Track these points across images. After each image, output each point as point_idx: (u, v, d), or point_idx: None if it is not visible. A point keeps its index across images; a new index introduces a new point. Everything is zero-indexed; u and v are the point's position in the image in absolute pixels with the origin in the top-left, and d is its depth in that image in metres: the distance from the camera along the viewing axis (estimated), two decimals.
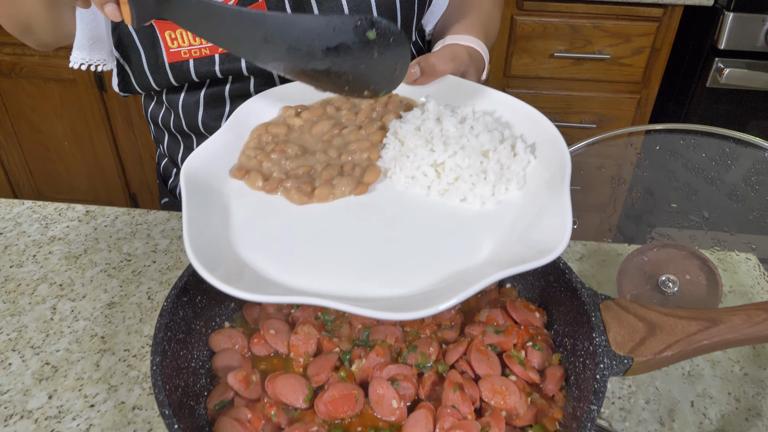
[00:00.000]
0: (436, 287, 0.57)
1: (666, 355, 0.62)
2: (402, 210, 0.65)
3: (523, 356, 0.67)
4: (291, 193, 0.65)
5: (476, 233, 0.62)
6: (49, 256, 0.90)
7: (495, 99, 0.75)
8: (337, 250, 0.61)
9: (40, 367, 0.75)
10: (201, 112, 0.94)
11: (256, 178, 0.67)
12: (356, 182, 0.67)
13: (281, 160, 0.69)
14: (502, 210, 0.64)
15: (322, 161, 0.69)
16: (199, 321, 0.70)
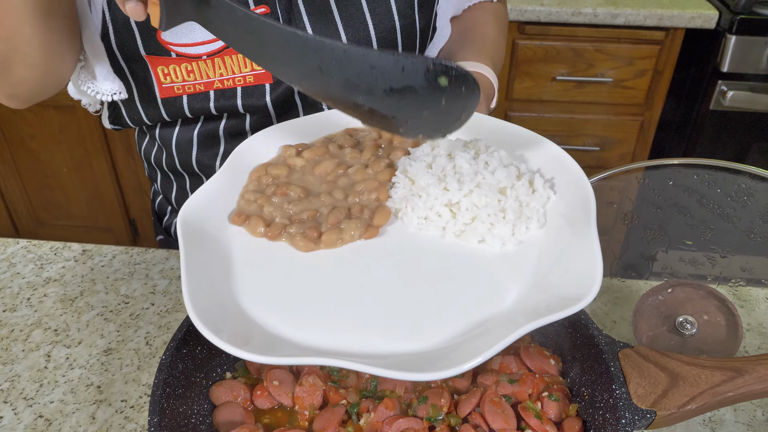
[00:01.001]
0: (458, 341, 0.53)
1: (690, 408, 0.59)
2: (416, 254, 0.61)
3: (539, 408, 0.64)
4: (296, 239, 0.62)
5: (498, 279, 0.59)
6: (43, 299, 0.88)
7: (508, 131, 0.72)
8: (348, 302, 0.57)
9: (33, 420, 0.72)
10: (195, 151, 0.92)
11: (257, 224, 0.64)
12: (365, 225, 0.63)
13: (283, 203, 0.66)
14: (524, 251, 0.61)
15: (328, 204, 0.65)
16: (199, 373, 0.67)
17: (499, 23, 1.01)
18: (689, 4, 1.85)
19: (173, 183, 1.00)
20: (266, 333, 0.55)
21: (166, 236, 1.08)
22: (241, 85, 0.83)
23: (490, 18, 1.00)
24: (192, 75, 0.82)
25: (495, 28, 1.00)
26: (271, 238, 0.63)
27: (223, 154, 0.91)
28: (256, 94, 0.84)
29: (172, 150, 0.94)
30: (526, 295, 0.57)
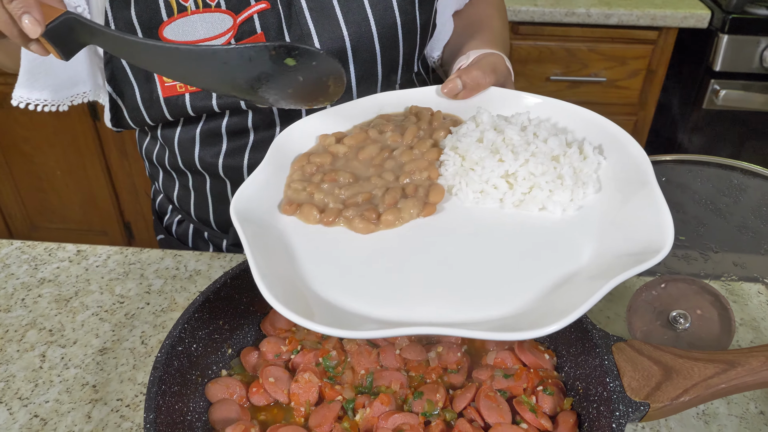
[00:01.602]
0: (544, 302, 0.52)
1: (683, 401, 0.59)
2: (478, 226, 0.60)
3: (533, 402, 0.64)
4: (354, 222, 0.61)
5: (567, 241, 0.58)
6: (38, 299, 0.88)
7: (546, 105, 0.71)
8: (420, 276, 0.56)
9: (28, 420, 0.72)
10: (197, 149, 0.92)
11: (310, 211, 0.62)
12: (422, 203, 0.62)
13: (334, 189, 0.64)
14: (586, 215, 0.60)
15: (380, 186, 0.64)
16: (194, 371, 0.67)
17: (502, 16, 1.01)
18: (682, 4, 1.86)
19: (175, 181, 1.00)
20: (347, 312, 0.53)
21: (167, 235, 1.08)
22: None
23: (494, 11, 1.00)
24: None
25: (499, 20, 1.00)
26: (326, 223, 0.62)
27: (225, 151, 0.91)
28: None
29: (175, 149, 0.93)
30: (601, 253, 0.56)
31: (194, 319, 0.67)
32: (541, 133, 0.65)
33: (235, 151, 0.90)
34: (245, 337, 0.73)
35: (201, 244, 1.05)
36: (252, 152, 0.90)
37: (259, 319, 0.74)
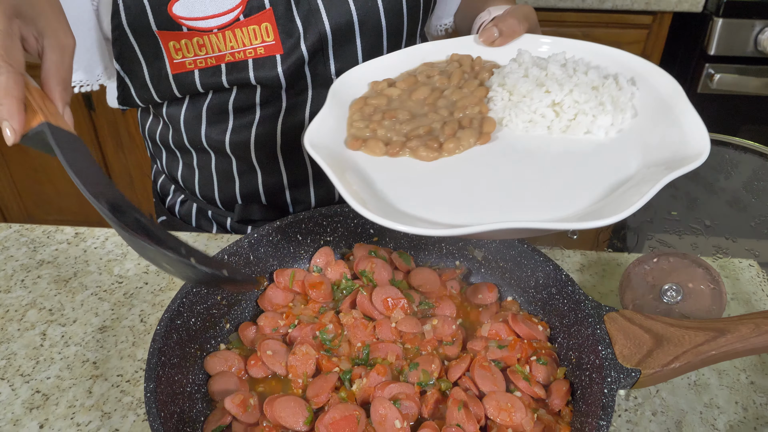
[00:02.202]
0: (600, 204, 0.57)
1: (674, 367, 0.60)
2: (533, 149, 0.66)
3: (527, 371, 0.65)
4: (419, 151, 0.65)
5: (614, 156, 0.63)
6: (37, 280, 0.88)
7: (578, 47, 0.76)
8: (492, 191, 0.61)
9: (30, 395, 0.73)
10: (204, 126, 0.92)
11: (376, 144, 0.66)
12: (478, 132, 0.67)
13: (395, 125, 0.69)
14: (628, 135, 0.66)
15: (437, 120, 0.69)
16: (193, 344, 0.68)
17: None
18: None
19: (179, 161, 1.00)
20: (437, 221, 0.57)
21: (169, 216, 1.09)
22: (252, 57, 0.84)
23: None
24: (203, 49, 0.83)
25: None
26: (392, 154, 0.66)
27: (232, 128, 0.91)
28: (267, 65, 0.85)
29: (180, 127, 0.94)
30: (647, 163, 0.61)
31: (192, 294, 0.68)
32: (579, 68, 0.70)
33: (241, 128, 0.91)
34: (243, 312, 0.74)
35: (205, 223, 1.05)
36: (258, 128, 0.91)
37: (257, 296, 0.75)
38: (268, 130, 0.90)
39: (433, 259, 0.80)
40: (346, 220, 0.79)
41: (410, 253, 0.79)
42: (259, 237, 0.75)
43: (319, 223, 0.78)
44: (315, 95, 0.89)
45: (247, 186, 0.97)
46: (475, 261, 0.78)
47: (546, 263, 0.71)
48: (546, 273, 0.71)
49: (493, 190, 0.61)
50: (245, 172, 0.96)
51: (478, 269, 0.78)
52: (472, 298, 0.75)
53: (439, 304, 0.73)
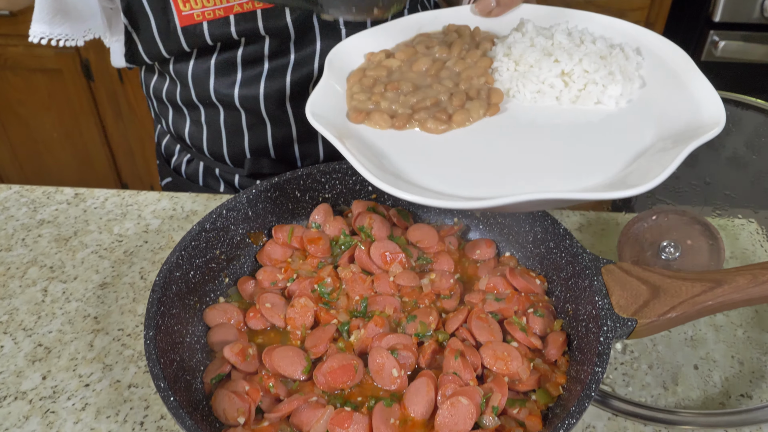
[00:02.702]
0: (626, 171, 0.57)
1: (670, 317, 0.61)
2: (543, 120, 0.65)
3: (524, 323, 0.65)
4: (427, 123, 0.64)
5: (628, 126, 0.63)
6: (38, 239, 0.89)
7: (579, 17, 0.75)
8: (508, 163, 0.60)
9: (32, 348, 0.74)
10: (212, 80, 0.91)
11: (381, 116, 0.65)
12: (487, 104, 0.66)
13: (398, 97, 0.67)
14: (638, 105, 0.65)
15: (443, 92, 0.68)
16: (192, 297, 0.68)
17: None
18: None
19: (186, 117, 1.00)
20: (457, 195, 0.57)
21: (175, 177, 1.09)
22: (261, 6, 0.83)
23: None
24: (211, 0, 0.82)
25: None
26: (398, 127, 0.64)
27: (240, 81, 0.91)
28: (276, 14, 0.84)
29: (188, 82, 0.93)
30: (662, 134, 0.60)
31: (191, 248, 0.68)
32: (586, 38, 0.69)
33: (250, 81, 0.91)
34: (242, 267, 0.75)
35: (212, 181, 1.05)
36: (267, 81, 0.90)
37: (255, 251, 0.76)
38: (278, 82, 0.90)
39: (431, 216, 0.80)
40: (345, 177, 0.79)
41: (408, 210, 0.79)
42: (258, 193, 0.75)
43: (317, 180, 0.78)
44: (324, 47, 0.88)
45: (256, 140, 0.97)
46: (473, 218, 0.78)
47: (544, 218, 0.71)
48: (544, 228, 0.71)
49: (509, 161, 0.60)
50: (254, 125, 0.95)
51: (476, 226, 0.78)
52: (470, 254, 0.75)
53: (437, 260, 0.73)
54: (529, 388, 0.61)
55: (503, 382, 0.60)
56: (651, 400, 0.68)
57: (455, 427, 0.57)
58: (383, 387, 0.61)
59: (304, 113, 0.92)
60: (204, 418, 0.59)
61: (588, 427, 0.66)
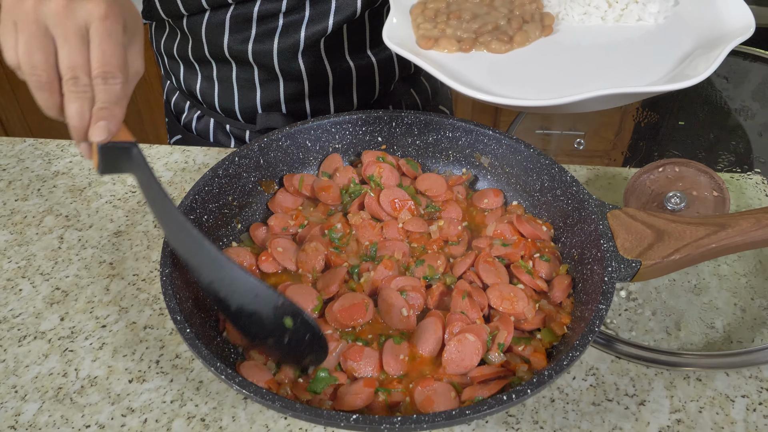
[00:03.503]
0: (676, 71, 0.66)
1: (674, 259, 0.62)
2: (594, 37, 0.74)
3: (530, 266, 0.67)
4: (491, 44, 0.72)
5: (669, 36, 0.72)
6: (53, 189, 0.90)
7: None
8: (572, 72, 0.69)
9: (50, 292, 0.76)
10: (226, 36, 0.92)
11: (449, 41, 0.72)
12: (541, 26, 0.74)
13: (461, 24, 0.74)
14: (674, 21, 0.74)
15: (501, 17, 0.75)
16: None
17: None
18: None
19: (198, 73, 1.00)
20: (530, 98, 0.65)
21: (185, 134, 1.10)
22: None
23: None
24: None
25: None
26: (465, 50, 0.72)
27: (255, 37, 0.91)
28: None
29: (201, 37, 0.93)
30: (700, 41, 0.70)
31: (204, 192, 0.70)
32: None
33: (264, 36, 0.91)
34: (254, 214, 0.76)
35: (222, 138, 1.06)
36: (282, 37, 0.90)
37: (267, 199, 0.77)
38: (292, 38, 0.90)
39: (439, 167, 0.81)
40: (355, 127, 0.80)
41: (417, 160, 0.80)
42: (269, 141, 0.76)
43: (327, 130, 0.79)
44: (339, 3, 0.88)
45: (268, 95, 0.98)
46: (481, 168, 0.79)
47: (551, 166, 0.72)
48: (551, 176, 0.72)
49: (572, 71, 0.69)
50: (267, 80, 0.96)
51: (484, 176, 0.79)
52: (478, 203, 0.76)
53: (445, 208, 0.75)
54: (534, 327, 0.62)
55: (509, 321, 0.61)
56: (654, 344, 0.70)
57: (462, 363, 0.59)
58: (393, 326, 0.63)
59: (317, 69, 0.94)
60: (218, 353, 0.61)
61: (591, 368, 0.67)
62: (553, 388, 0.65)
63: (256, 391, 0.51)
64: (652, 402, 0.64)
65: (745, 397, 0.64)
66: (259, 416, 0.63)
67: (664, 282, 0.76)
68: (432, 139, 0.79)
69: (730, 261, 0.78)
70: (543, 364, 0.59)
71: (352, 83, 0.98)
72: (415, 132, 0.79)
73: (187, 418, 0.63)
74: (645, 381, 0.66)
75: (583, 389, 0.65)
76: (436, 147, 0.80)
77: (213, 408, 0.64)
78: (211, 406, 0.64)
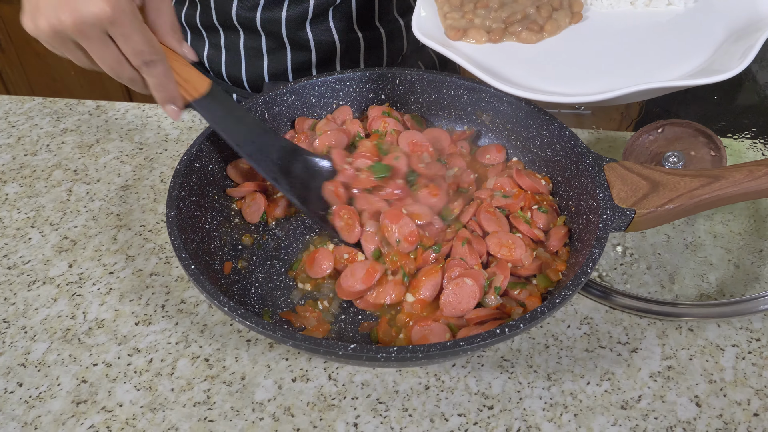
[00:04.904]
0: (711, 60, 0.66)
1: (668, 208, 0.63)
2: (624, 23, 0.73)
3: (528, 216, 0.68)
4: (522, 34, 0.71)
5: (700, 22, 0.71)
6: (62, 145, 0.92)
7: None
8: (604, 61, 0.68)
9: (59, 240, 0.78)
10: (235, 3, 0.92)
11: (478, 32, 0.71)
12: (570, 13, 0.73)
13: (489, 13, 0.73)
14: (703, 4, 0.73)
15: (529, 5, 0.74)
16: (211, 189, 0.71)
17: None
18: None
19: (205, 41, 1.01)
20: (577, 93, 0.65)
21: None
22: None
23: None
24: None
25: None
26: (495, 41, 0.71)
27: (263, 4, 0.92)
28: None
29: (210, 4, 0.94)
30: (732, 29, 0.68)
31: (211, 141, 0.71)
32: None
33: (273, 4, 0.91)
34: None
35: None
36: (290, 5, 0.91)
37: None
38: (301, 6, 0.91)
39: (442, 124, 0.82)
40: (359, 84, 0.81)
41: (422, 116, 0.82)
42: (274, 96, 0.77)
43: (332, 87, 0.80)
44: None
45: (275, 64, 0.99)
46: (483, 125, 0.80)
47: (551, 121, 0.73)
48: (550, 131, 0.73)
49: (604, 60, 0.67)
50: (274, 49, 0.97)
51: (486, 133, 0.80)
52: (481, 158, 0.77)
53: (450, 161, 0.76)
54: (530, 272, 0.64)
55: (506, 266, 0.63)
56: (647, 295, 0.71)
57: (458, 306, 0.61)
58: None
59: (325, 38, 0.94)
60: (222, 290, 0.63)
61: (586, 318, 0.69)
62: (548, 336, 0.67)
63: (257, 322, 0.53)
64: (643, 350, 0.66)
65: (735, 347, 0.66)
66: (261, 357, 0.65)
67: (659, 239, 0.77)
68: (435, 97, 0.80)
69: (725, 220, 0.79)
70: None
71: (360, 54, 0.99)
72: (418, 90, 0.81)
73: (191, 358, 0.65)
74: (638, 330, 0.67)
75: (577, 337, 0.67)
76: (438, 105, 0.81)
77: (216, 349, 0.66)
78: (214, 348, 0.66)
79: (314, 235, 0.71)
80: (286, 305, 0.65)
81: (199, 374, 0.64)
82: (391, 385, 0.62)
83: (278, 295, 0.66)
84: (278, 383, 0.63)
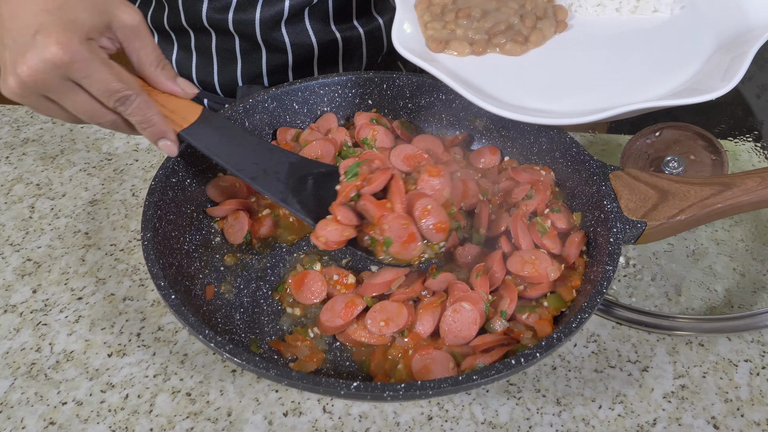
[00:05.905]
0: (700, 75, 0.63)
1: (679, 219, 0.60)
2: (610, 31, 0.70)
3: (548, 225, 0.64)
4: (506, 46, 0.67)
5: (687, 31, 0.68)
6: (23, 157, 0.85)
7: None
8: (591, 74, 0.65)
9: (21, 263, 0.71)
10: (205, 4, 0.86)
11: (460, 44, 0.68)
12: (555, 21, 0.70)
13: (472, 23, 0.70)
14: (690, 11, 0.70)
15: (512, 14, 0.70)
16: (189, 205, 0.66)
17: None
18: None
19: (174, 43, 0.95)
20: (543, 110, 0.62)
21: None
22: None
23: None
24: None
25: None
26: (478, 53, 0.68)
27: (235, 5, 0.86)
28: None
29: (178, 5, 0.88)
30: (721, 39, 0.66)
31: (187, 155, 0.66)
32: None
33: (246, 4, 0.85)
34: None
35: None
36: (264, 5, 0.85)
37: None
38: (275, 6, 0.85)
39: (432, 131, 0.78)
40: (344, 89, 0.76)
41: (411, 121, 0.77)
42: (255, 103, 0.72)
43: (315, 92, 0.75)
44: None
45: (250, 67, 0.93)
46: (476, 131, 0.76)
47: (549, 128, 0.69)
48: (549, 138, 0.69)
49: (590, 73, 0.65)
50: (248, 51, 0.91)
51: (479, 139, 0.76)
52: (476, 162, 0.73)
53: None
54: (541, 293, 0.60)
55: (513, 288, 0.59)
56: (655, 309, 0.68)
57: (460, 333, 0.56)
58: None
59: (301, 39, 0.89)
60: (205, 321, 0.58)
61: (592, 335, 0.65)
62: (554, 356, 0.63)
63: (248, 359, 0.48)
64: (655, 368, 0.62)
65: (749, 362, 0.63)
66: (248, 389, 0.60)
67: (662, 248, 0.74)
68: (425, 101, 0.76)
69: (727, 226, 0.77)
70: (548, 331, 0.57)
71: (338, 55, 0.94)
72: (407, 94, 0.76)
73: (171, 393, 0.60)
74: (647, 347, 0.64)
75: (585, 356, 0.63)
76: (428, 110, 0.77)
77: (199, 382, 0.61)
78: (197, 380, 0.61)
79: (302, 253, 0.66)
80: (275, 332, 0.60)
81: (181, 411, 0.58)
82: (392, 417, 0.58)
83: (266, 321, 0.61)
84: (268, 418, 0.58)
